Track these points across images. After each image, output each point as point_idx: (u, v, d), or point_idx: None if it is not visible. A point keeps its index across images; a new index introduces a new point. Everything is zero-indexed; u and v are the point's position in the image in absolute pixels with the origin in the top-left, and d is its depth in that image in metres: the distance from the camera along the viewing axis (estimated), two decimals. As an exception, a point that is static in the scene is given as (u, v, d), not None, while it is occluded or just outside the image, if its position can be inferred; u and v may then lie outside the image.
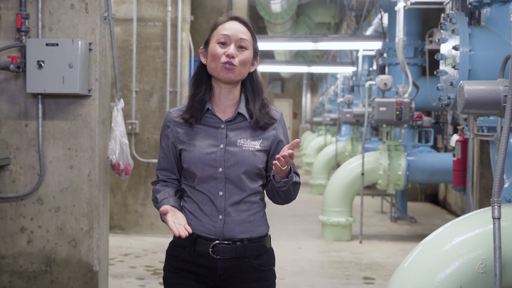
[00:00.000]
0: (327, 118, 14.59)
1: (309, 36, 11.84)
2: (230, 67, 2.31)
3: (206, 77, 2.40)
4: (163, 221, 2.27)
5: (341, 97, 14.11)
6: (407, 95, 7.38)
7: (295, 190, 2.38)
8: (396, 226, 8.67)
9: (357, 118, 10.50)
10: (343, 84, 15.39)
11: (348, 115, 10.84)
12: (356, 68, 13.11)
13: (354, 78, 13.16)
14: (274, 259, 2.45)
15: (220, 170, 2.31)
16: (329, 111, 15.86)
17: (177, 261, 2.36)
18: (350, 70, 13.88)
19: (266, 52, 19.74)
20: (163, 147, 2.44)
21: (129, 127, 7.27)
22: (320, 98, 23.74)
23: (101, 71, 4.23)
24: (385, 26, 9.27)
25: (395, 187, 7.67)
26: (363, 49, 11.36)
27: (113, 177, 6.99)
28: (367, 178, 7.64)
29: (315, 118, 19.67)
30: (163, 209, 2.25)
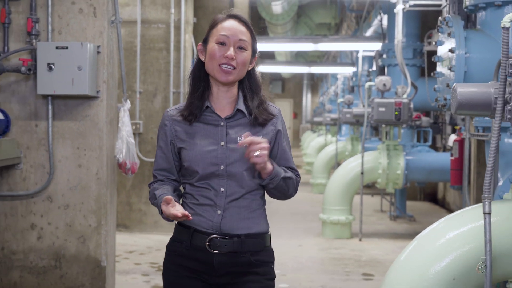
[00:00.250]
0: (328, 118, 14.71)
1: (310, 37, 11.98)
2: (228, 70, 2.32)
3: (204, 74, 2.40)
4: (165, 218, 2.27)
5: (341, 98, 14.24)
6: (406, 96, 7.52)
7: (289, 185, 2.38)
8: (395, 225, 8.81)
9: (357, 118, 10.64)
10: (343, 85, 15.52)
11: (348, 115, 10.97)
12: (356, 69, 13.24)
13: (354, 79, 13.29)
14: (273, 258, 2.44)
15: (222, 167, 2.32)
16: (330, 111, 15.98)
17: (175, 257, 2.38)
18: (350, 71, 14.00)
19: (267, 53, 19.91)
20: (162, 147, 2.42)
21: (133, 127, 7.41)
22: (321, 98, 23.85)
23: (109, 73, 4.37)
24: (385, 28, 9.40)
25: (394, 186, 7.81)
26: (363, 50, 11.51)
27: (118, 176, 7.13)
28: (367, 177, 7.78)
29: (316, 118, 19.78)
30: (167, 198, 2.23)
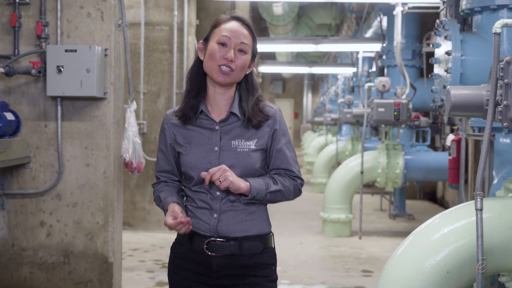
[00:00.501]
0: (328, 118, 14.83)
1: (310, 38, 12.13)
2: (227, 72, 2.31)
3: (202, 73, 2.38)
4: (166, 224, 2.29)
5: (342, 98, 14.37)
6: (405, 97, 7.65)
7: (280, 197, 2.37)
8: (395, 223, 8.95)
9: (357, 119, 10.77)
10: (344, 85, 15.65)
11: (349, 115, 11.10)
12: (356, 69, 13.37)
13: (354, 79, 13.41)
14: (275, 259, 2.43)
15: None
16: (330, 111, 16.10)
17: (177, 258, 2.40)
18: (351, 71, 14.13)
19: (268, 53, 20.03)
20: (162, 150, 2.44)
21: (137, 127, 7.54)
22: (321, 98, 23.97)
23: (116, 75, 4.51)
24: (384, 29, 9.54)
25: (394, 185, 7.95)
26: (363, 51, 11.65)
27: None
28: (366, 176, 7.92)
29: (316, 118, 19.89)
30: (174, 212, 2.28)
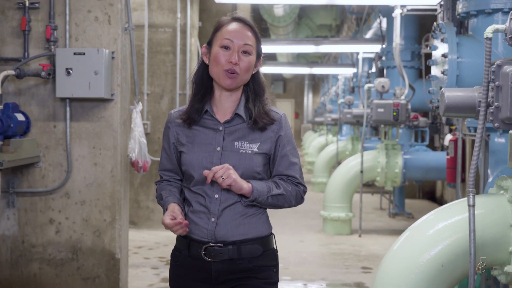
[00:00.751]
0: (329, 118, 14.96)
1: (311, 39, 12.26)
2: (232, 76, 2.30)
3: (207, 77, 2.37)
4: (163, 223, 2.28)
5: (342, 98, 14.50)
6: (404, 97, 7.79)
7: (282, 201, 2.34)
8: (394, 222, 9.09)
9: (357, 119, 10.91)
10: (344, 85, 15.79)
11: (349, 116, 11.24)
12: (357, 70, 13.51)
13: (355, 80, 13.55)
14: (276, 261, 2.40)
15: None
16: (330, 111, 16.23)
17: (176, 266, 2.39)
18: (351, 72, 14.26)
19: (269, 54, 20.16)
20: (165, 148, 2.44)
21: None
22: (322, 98, 24.10)
23: (122, 77, 4.65)
24: (384, 30, 9.68)
25: (393, 184, 8.09)
26: (363, 52, 11.79)
27: (127, 175, 7.42)
28: (366, 176, 8.06)
29: (317, 118, 20.02)
30: (173, 213, 2.28)
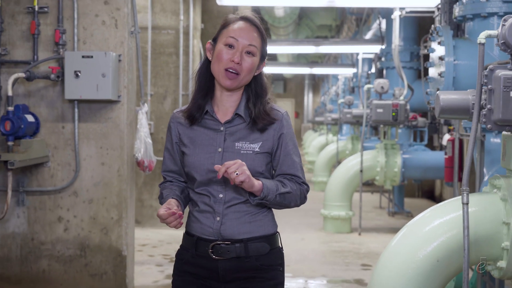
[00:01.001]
0: (329, 118, 15.05)
1: (311, 40, 12.38)
2: (233, 76, 2.28)
3: (210, 74, 2.35)
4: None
5: (342, 98, 14.62)
6: (403, 98, 7.93)
7: (289, 200, 2.33)
8: (394, 220, 9.23)
9: (357, 119, 11.04)
10: (344, 85, 15.91)
11: (349, 116, 11.36)
12: (356, 70, 13.64)
13: (355, 80, 13.67)
14: (282, 260, 2.40)
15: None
16: (331, 111, 16.34)
17: (182, 264, 2.38)
18: (351, 72, 14.38)
19: (269, 55, 20.29)
20: (169, 149, 2.42)
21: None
22: (322, 98, 24.20)
23: (129, 79, 4.79)
24: (383, 31, 9.82)
25: (392, 183, 8.23)
26: (363, 52, 11.93)
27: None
28: (366, 175, 8.20)
29: (317, 118, 20.13)
30: (169, 202, 2.28)
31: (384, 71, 9.52)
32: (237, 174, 2.16)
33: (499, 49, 4.51)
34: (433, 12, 8.18)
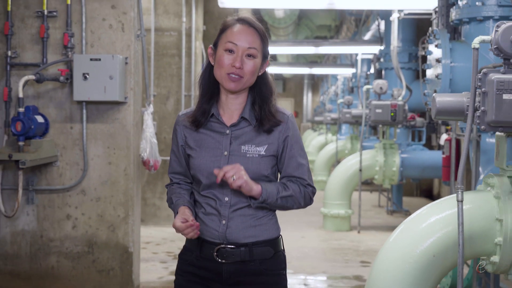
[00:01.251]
0: (328, 118, 15.16)
1: (311, 41, 12.53)
2: (236, 79, 2.30)
3: (213, 78, 2.37)
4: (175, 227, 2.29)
5: (341, 98, 14.75)
6: (401, 98, 8.08)
7: (291, 203, 2.35)
8: (392, 219, 9.38)
9: (356, 119, 11.19)
10: (343, 85, 16.04)
11: (348, 115, 11.49)
12: (356, 70, 13.77)
13: (354, 80, 13.81)
14: (285, 264, 2.42)
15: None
16: (330, 111, 16.46)
17: (186, 265, 2.40)
18: (350, 72, 14.51)
19: (270, 55, 20.37)
20: (175, 151, 2.44)
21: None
22: (321, 98, 24.31)
23: (135, 81, 4.93)
24: (382, 32, 9.96)
25: (390, 182, 8.39)
26: (362, 53, 12.07)
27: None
28: (365, 174, 8.35)
29: (316, 117, 20.24)
30: (184, 216, 2.28)
31: (383, 72, 9.66)
32: (234, 179, 2.20)
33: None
34: (431, 14, 8.34)
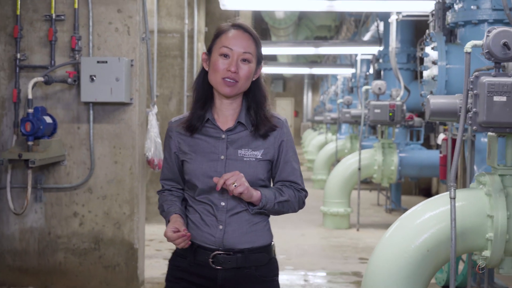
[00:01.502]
0: (328, 117, 15.28)
1: (311, 42, 12.69)
2: (231, 83, 2.30)
3: (208, 84, 2.37)
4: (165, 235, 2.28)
5: (341, 98, 14.90)
6: (399, 99, 8.23)
7: (287, 208, 2.37)
8: (391, 217, 9.52)
9: (355, 119, 11.34)
10: (343, 85, 16.19)
11: (347, 115, 11.64)
12: (355, 71, 13.92)
13: (353, 80, 13.96)
14: (278, 270, 2.43)
15: None
16: (330, 111, 16.60)
17: (178, 271, 2.37)
18: (350, 72, 14.65)
19: (270, 55, 20.55)
20: (167, 158, 2.43)
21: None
22: (321, 97, 24.45)
23: (140, 83, 5.08)
24: (381, 33, 10.11)
25: (389, 181, 8.54)
26: (361, 54, 12.22)
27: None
28: (364, 173, 8.50)
29: (316, 117, 20.38)
30: (176, 226, 2.27)
31: (382, 72, 9.81)
32: (236, 186, 2.20)
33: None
34: (429, 17, 8.49)
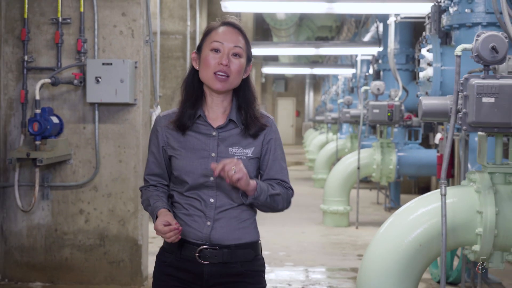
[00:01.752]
0: (329, 117, 15.40)
1: (312, 42, 12.82)
2: (223, 78, 2.28)
3: (198, 83, 2.36)
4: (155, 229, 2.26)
5: (342, 98, 15.04)
6: (398, 99, 8.38)
7: (277, 202, 2.35)
8: (390, 215, 9.63)
9: (355, 119, 11.48)
10: (344, 85, 16.33)
11: (347, 115, 11.77)
12: (355, 71, 14.06)
13: (354, 80, 14.10)
14: (264, 267, 2.43)
15: (212, 179, 2.30)
16: (331, 110, 16.73)
17: (165, 267, 2.36)
18: (350, 72, 14.79)
19: (271, 56, 20.70)
20: (154, 152, 2.39)
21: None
22: (323, 97, 24.59)
23: (144, 84, 5.24)
24: (381, 34, 10.25)
25: (388, 180, 8.69)
26: (362, 54, 12.37)
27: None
28: (363, 172, 8.65)
29: (318, 117, 20.50)
30: (167, 219, 2.24)
31: (381, 73, 9.95)
32: (235, 172, 2.18)
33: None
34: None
